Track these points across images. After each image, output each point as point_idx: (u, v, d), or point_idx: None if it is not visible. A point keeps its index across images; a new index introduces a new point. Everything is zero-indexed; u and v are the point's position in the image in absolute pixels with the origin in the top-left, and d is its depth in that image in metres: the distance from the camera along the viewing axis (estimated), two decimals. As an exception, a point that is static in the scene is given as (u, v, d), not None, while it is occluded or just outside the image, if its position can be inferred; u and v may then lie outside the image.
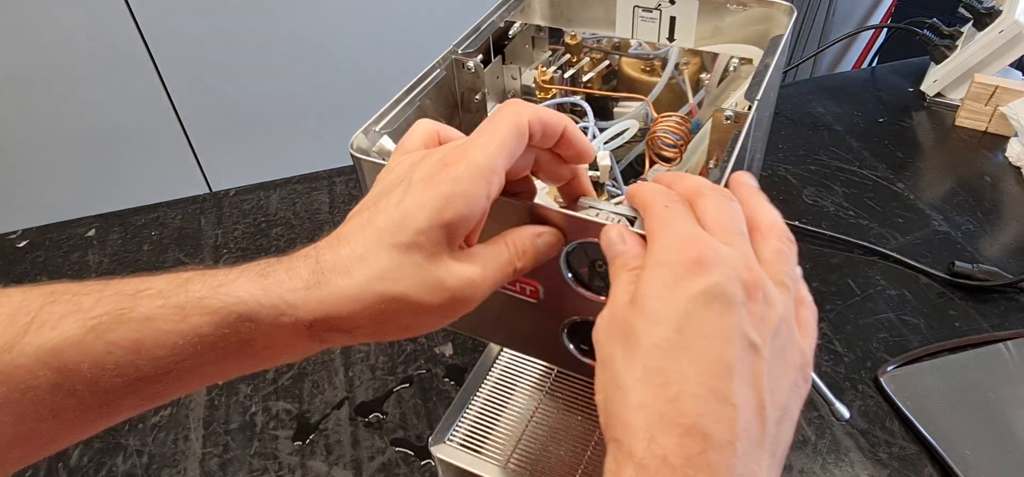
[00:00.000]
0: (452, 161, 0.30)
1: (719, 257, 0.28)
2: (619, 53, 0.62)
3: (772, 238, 0.32)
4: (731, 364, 0.26)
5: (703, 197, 0.32)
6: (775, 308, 0.29)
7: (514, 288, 0.41)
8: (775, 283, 0.30)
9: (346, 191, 0.92)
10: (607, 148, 0.51)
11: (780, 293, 0.30)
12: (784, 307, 0.29)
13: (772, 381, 0.28)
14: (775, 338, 0.28)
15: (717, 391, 0.26)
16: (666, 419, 0.26)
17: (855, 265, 0.77)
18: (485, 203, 0.31)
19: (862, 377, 0.65)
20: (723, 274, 0.28)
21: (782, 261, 0.31)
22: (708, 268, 0.28)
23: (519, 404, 0.56)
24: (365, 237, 0.30)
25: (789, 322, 0.30)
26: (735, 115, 0.43)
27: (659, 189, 0.33)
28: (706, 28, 0.55)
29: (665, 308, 0.27)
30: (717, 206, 0.31)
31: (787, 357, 0.29)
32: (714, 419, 0.26)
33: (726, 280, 0.27)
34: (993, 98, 0.94)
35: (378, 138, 0.45)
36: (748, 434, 0.26)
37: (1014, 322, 0.69)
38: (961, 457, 0.57)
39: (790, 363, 0.29)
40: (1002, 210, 0.84)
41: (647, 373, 0.27)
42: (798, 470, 0.58)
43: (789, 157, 0.94)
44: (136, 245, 0.84)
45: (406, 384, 0.66)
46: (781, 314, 0.29)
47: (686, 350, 0.27)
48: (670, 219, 0.30)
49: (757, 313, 0.28)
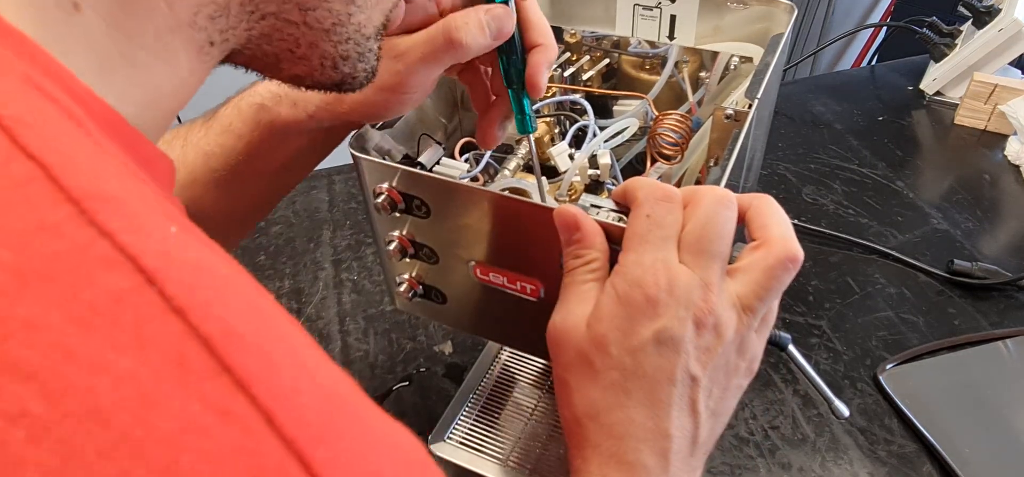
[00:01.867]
0: None
1: (673, 295, 0.31)
2: (619, 51, 0.62)
3: (770, 258, 0.32)
4: (671, 402, 0.32)
5: (695, 205, 0.33)
6: (723, 336, 0.32)
7: (515, 287, 0.41)
8: (738, 307, 0.32)
9: (345, 189, 0.92)
10: (607, 146, 0.51)
11: (733, 318, 0.32)
12: (734, 331, 0.32)
13: (708, 397, 0.33)
14: (718, 361, 0.32)
15: (657, 429, 0.32)
16: (615, 459, 0.32)
17: (854, 263, 0.77)
18: None
19: (861, 375, 0.65)
20: (670, 317, 0.31)
21: (754, 285, 0.32)
22: (658, 310, 0.31)
23: (519, 402, 0.56)
24: None
25: (737, 342, 0.33)
26: (735, 114, 0.43)
27: (650, 189, 0.34)
28: (706, 26, 0.55)
29: (620, 353, 0.32)
30: (703, 217, 0.32)
31: (729, 369, 0.33)
32: (652, 452, 0.32)
33: (675, 322, 0.31)
34: (992, 96, 0.94)
35: (377, 137, 0.45)
36: (681, 453, 0.32)
37: (1013, 320, 0.69)
38: (960, 455, 0.57)
39: (731, 373, 0.33)
40: (1001, 208, 0.84)
41: (599, 413, 0.32)
42: (797, 468, 0.58)
43: (789, 155, 0.94)
44: (135, 243, 0.84)
45: (405, 382, 0.66)
46: (729, 339, 0.32)
47: (632, 396, 0.32)
48: (644, 235, 0.33)
49: (702, 346, 0.32)
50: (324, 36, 0.30)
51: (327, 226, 0.86)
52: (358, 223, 0.86)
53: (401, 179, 0.40)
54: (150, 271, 0.17)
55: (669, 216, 0.33)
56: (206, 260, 0.19)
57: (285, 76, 0.32)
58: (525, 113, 0.41)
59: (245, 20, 0.27)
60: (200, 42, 0.26)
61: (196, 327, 0.17)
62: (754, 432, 0.60)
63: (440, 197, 0.40)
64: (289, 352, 0.19)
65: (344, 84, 0.33)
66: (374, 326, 0.72)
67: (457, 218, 0.40)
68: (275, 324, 0.20)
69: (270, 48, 0.29)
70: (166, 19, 0.24)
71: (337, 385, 0.20)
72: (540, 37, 0.39)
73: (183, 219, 0.22)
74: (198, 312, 0.17)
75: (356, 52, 0.32)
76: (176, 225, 0.20)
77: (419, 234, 0.43)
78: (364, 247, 0.82)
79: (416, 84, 0.39)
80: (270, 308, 0.20)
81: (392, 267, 0.47)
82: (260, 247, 0.83)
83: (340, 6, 0.30)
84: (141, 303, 0.17)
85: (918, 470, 0.57)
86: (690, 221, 0.33)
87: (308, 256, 0.81)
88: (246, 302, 0.19)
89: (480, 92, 0.44)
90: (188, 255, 0.19)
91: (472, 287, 0.44)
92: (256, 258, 0.81)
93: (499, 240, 0.40)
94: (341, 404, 0.19)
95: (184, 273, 0.18)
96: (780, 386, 0.64)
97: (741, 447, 0.59)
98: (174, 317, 0.17)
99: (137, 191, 0.20)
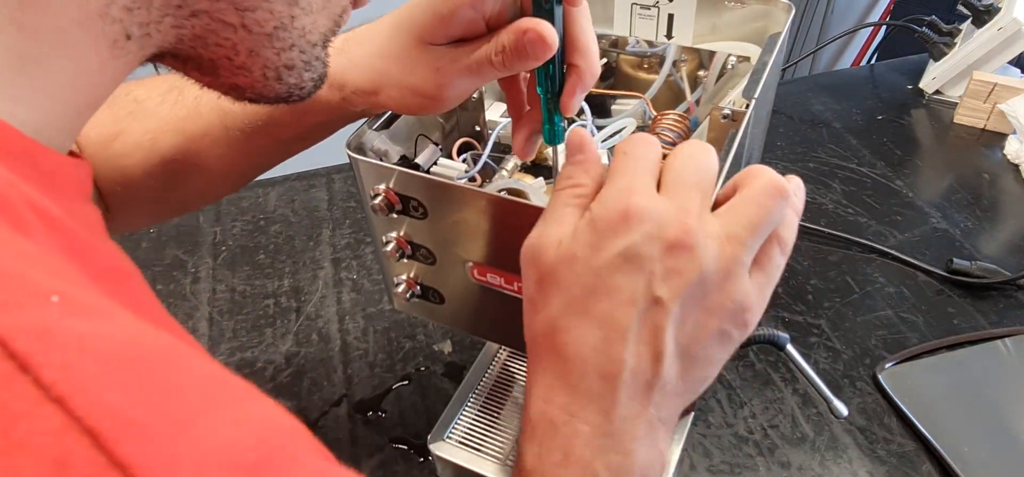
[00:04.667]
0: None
1: (644, 213, 0.30)
2: (617, 50, 0.62)
3: (746, 190, 0.32)
4: (627, 326, 0.30)
5: (676, 151, 0.32)
6: (698, 261, 0.30)
7: (512, 287, 0.41)
8: (720, 235, 0.30)
9: (344, 188, 0.92)
10: (605, 146, 0.51)
11: (714, 245, 0.30)
12: (714, 259, 0.30)
13: (678, 330, 0.30)
14: (693, 288, 0.30)
15: (608, 353, 0.30)
16: (560, 380, 0.30)
17: (853, 262, 0.77)
18: (471, 13, 0.36)
19: (860, 374, 0.65)
20: (641, 233, 0.29)
21: (736, 214, 0.31)
22: (630, 226, 0.30)
23: (518, 402, 0.56)
24: (378, 26, 0.40)
25: (719, 272, 0.30)
26: (733, 113, 0.43)
27: (635, 137, 0.33)
28: (704, 25, 0.55)
29: (584, 270, 0.30)
30: (682, 156, 0.32)
31: (707, 305, 0.30)
32: (599, 376, 0.30)
33: (642, 240, 0.29)
34: (992, 95, 0.94)
35: (374, 138, 0.45)
36: (632, 385, 0.30)
37: (1012, 319, 0.69)
38: (959, 454, 0.57)
39: (713, 312, 0.31)
40: (1000, 207, 0.84)
41: (554, 331, 0.31)
42: (797, 467, 0.58)
43: (787, 155, 0.94)
44: (135, 242, 0.84)
45: (405, 381, 0.66)
46: (704, 266, 0.30)
47: (588, 315, 0.30)
48: (621, 168, 0.32)
49: (673, 267, 0.29)
50: (265, 42, 0.28)
51: (326, 225, 0.86)
52: (357, 222, 0.86)
53: (398, 180, 0.40)
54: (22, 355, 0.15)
55: (649, 151, 0.32)
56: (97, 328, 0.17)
57: (225, 86, 0.30)
58: (554, 124, 0.39)
59: (171, 16, 0.25)
60: (113, 35, 0.24)
61: (80, 418, 0.15)
62: (753, 431, 0.60)
63: (437, 198, 0.40)
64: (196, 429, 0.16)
65: (291, 96, 0.31)
66: (373, 325, 0.72)
67: (454, 219, 0.40)
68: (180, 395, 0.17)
69: (206, 52, 0.27)
70: (72, 11, 0.22)
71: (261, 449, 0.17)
72: (580, 59, 0.37)
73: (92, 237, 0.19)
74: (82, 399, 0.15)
75: (302, 61, 0.30)
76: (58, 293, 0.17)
77: (417, 235, 0.43)
78: (363, 246, 0.82)
79: (455, 95, 0.38)
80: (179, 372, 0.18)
81: (390, 268, 0.47)
82: (259, 246, 0.83)
83: (282, 8, 0.27)
84: (11, 396, 0.14)
85: (917, 469, 0.57)
86: (670, 160, 0.32)
87: (307, 255, 0.81)
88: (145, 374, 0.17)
89: (516, 100, 0.41)
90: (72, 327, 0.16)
91: (470, 288, 0.44)
92: (256, 257, 0.81)
93: (497, 241, 0.40)
94: None
95: (66, 353, 0.15)
96: (779, 385, 0.64)
97: (740, 445, 0.59)
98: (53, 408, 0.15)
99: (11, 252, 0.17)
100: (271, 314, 0.74)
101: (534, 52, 0.34)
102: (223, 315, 0.74)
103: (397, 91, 0.38)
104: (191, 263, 0.81)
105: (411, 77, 0.38)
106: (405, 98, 0.38)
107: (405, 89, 0.38)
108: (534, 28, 0.34)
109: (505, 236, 0.39)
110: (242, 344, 0.71)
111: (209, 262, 0.81)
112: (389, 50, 0.38)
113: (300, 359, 0.69)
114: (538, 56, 0.35)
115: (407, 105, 0.39)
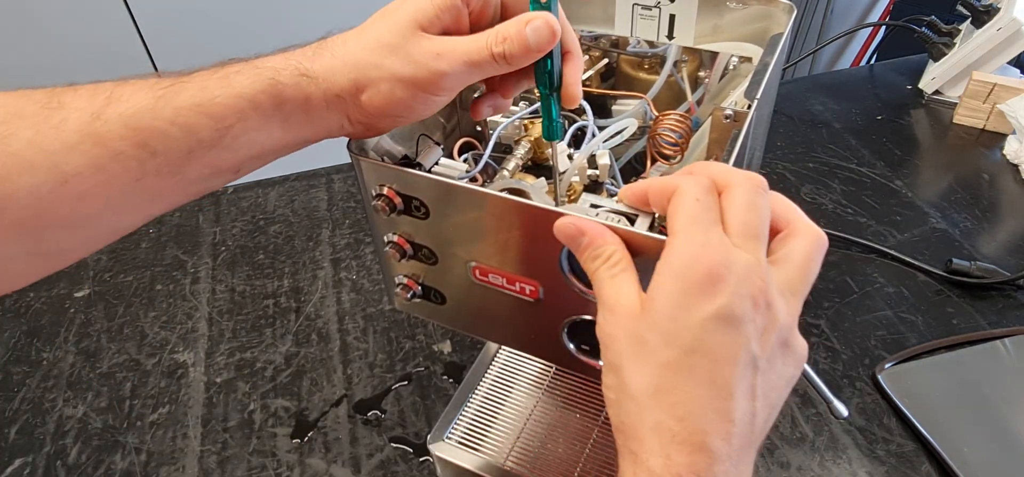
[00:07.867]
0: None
1: (732, 271, 0.30)
2: (618, 51, 0.62)
3: (801, 243, 0.32)
4: (734, 385, 0.30)
5: (732, 190, 0.32)
6: (778, 318, 0.31)
7: (514, 288, 0.41)
8: (785, 291, 0.31)
9: (344, 188, 0.92)
10: (606, 146, 0.51)
11: (784, 302, 0.31)
12: (786, 314, 0.31)
13: (766, 387, 0.31)
14: (777, 343, 0.31)
15: (721, 411, 0.30)
16: (678, 439, 0.30)
17: (853, 262, 0.77)
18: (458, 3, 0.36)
19: (860, 375, 0.65)
20: (734, 293, 0.29)
21: (799, 270, 0.32)
22: (720, 287, 0.29)
23: (518, 402, 0.56)
24: (368, 22, 0.38)
25: (788, 326, 0.31)
26: (735, 114, 0.43)
27: (693, 180, 0.33)
28: (705, 26, 0.55)
29: (678, 330, 0.30)
30: (746, 203, 0.32)
31: (784, 358, 0.32)
32: (718, 436, 0.29)
33: (736, 299, 0.29)
34: (991, 95, 0.95)
35: (376, 137, 0.45)
36: (742, 441, 0.30)
37: (1011, 319, 0.69)
38: (958, 454, 0.57)
39: (786, 362, 0.32)
40: (1000, 208, 0.84)
41: (659, 392, 0.30)
42: (796, 467, 0.58)
43: (787, 154, 0.94)
44: (134, 242, 0.84)
45: (405, 382, 0.66)
46: (782, 322, 0.31)
47: (694, 373, 0.30)
48: (694, 217, 0.31)
49: (760, 325, 0.30)
50: None
51: (326, 225, 0.86)
52: (357, 222, 0.85)
53: (400, 180, 0.40)
54: None
55: (715, 202, 0.32)
56: None
57: None
58: (553, 119, 0.40)
59: None
60: None
61: None
62: (753, 431, 0.60)
63: (438, 198, 0.40)
64: None
65: None
66: (373, 325, 0.72)
67: (455, 219, 0.40)
68: None
69: None
70: None
71: None
72: (570, 45, 0.38)
73: None
74: None
75: None
76: None
77: (418, 235, 0.43)
78: (363, 246, 0.82)
79: (451, 87, 0.38)
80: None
81: (391, 268, 0.47)
82: (259, 246, 0.83)
83: None
84: None
85: (917, 469, 0.58)
86: (731, 206, 0.32)
87: (307, 255, 0.81)
88: None
89: None
90: None
91: (471, 288, 0.44)
92: (255, 257, 0.81)
93: (498, 241, 0.40)
94: None
95: None
96: (779, 385, 0.64)
97: (740, 446, 0.59)
98: None
99: None
100: (271, 314, 0.74)
101: (539, 42, 0.35)
102: (223, 315, 0.74)
103: (387, 84, 0.37)
104: (191, 263, 0.81)
105: (406, 67, 0.36)
106: (395, 91, 0.37)
107: (396, 81, 0.37)
108: (541, 16, 0.35)
109: (507, 236, 0.39)
110: (242, 344, 0.71)
111: (209, 262, 0.81)
112: (381, 41, 0.37)
113: (300, 359, 0.69)
114: (542, 47, 0.35)
115: (396, 99, 0.38)
